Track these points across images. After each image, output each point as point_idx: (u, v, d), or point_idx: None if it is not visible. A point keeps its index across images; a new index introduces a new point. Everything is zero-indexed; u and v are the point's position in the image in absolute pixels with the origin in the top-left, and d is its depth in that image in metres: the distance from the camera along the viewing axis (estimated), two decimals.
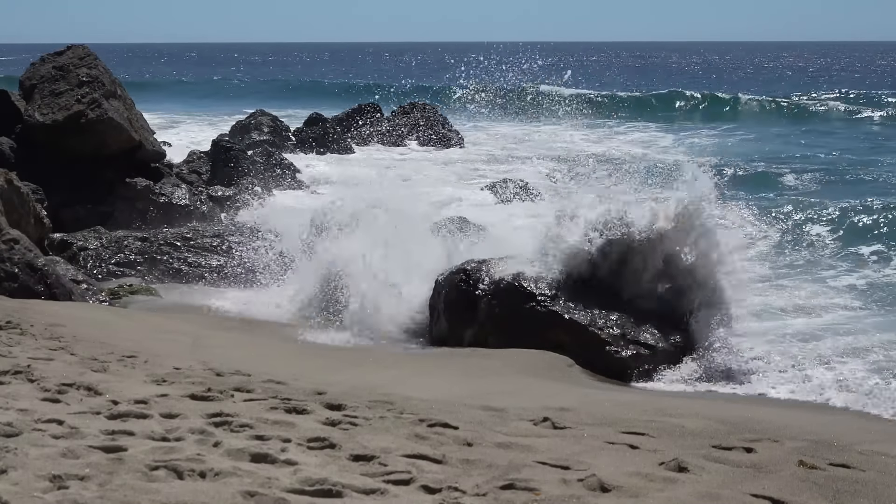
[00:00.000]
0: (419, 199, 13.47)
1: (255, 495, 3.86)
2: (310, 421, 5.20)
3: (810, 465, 4.87)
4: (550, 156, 24.30)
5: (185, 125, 33.67)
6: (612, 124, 35.22)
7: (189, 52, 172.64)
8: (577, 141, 29.93)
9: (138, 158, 16.46)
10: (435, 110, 28.29)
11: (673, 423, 5.79)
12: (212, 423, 4.94)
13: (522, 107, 23.23)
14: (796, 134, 33.61)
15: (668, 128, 36.18)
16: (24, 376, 5.74)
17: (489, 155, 26.27)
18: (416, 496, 4.07)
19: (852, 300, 11.33)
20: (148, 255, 12.83)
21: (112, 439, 4.49)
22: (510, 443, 5.06)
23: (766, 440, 5.39)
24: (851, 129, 35.49)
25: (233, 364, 7.18)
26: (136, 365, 6.69)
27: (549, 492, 4.18)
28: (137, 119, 16.98)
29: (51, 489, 3.73)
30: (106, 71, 16.76)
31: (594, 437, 5.31)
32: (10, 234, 10.08)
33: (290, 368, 7.43)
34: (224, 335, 9.28)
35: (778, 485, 4.53)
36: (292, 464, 4.33)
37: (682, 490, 4.36)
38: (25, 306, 8.95)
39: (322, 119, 26.00)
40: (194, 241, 13.10)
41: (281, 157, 20.66)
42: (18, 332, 7.44)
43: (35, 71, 16.71)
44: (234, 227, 13.76)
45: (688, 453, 4.99)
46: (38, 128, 15.73)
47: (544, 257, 9.45)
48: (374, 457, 4.53)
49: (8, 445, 4.17)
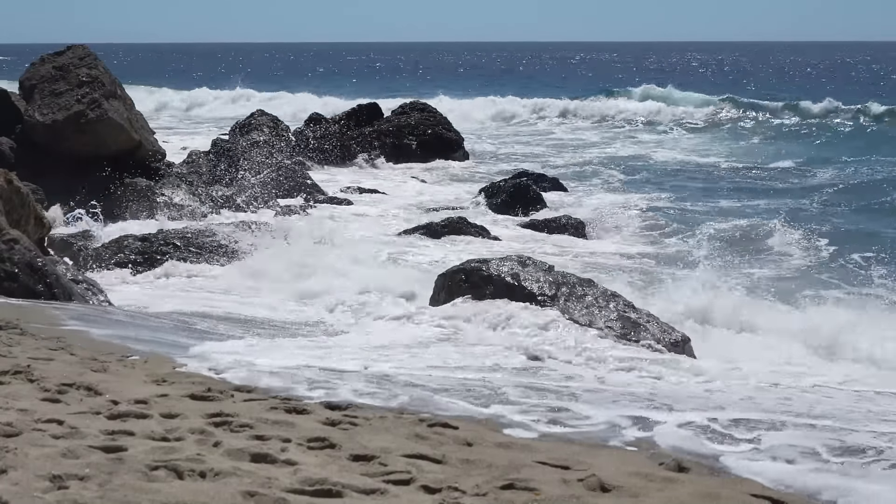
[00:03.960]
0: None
1: (255, 495, 3.86)
2: (310, 421, 5.20)
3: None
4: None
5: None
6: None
7: (185, 52, 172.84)
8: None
9: (138, 158, 16.47)
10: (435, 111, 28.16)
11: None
12: (212, 423, 4.94)
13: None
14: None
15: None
16: (24, 376, 5.74)
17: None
18: (416, 496, 4.07)
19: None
20: (148, 255, 12.83)
21: (112, 439, 4.49)
22: (510, 443, 5.06)
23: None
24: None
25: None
26: (136, 365, 6.69)
27: (549, 492, 4.18)
28: (137, 119, 17.00)
29: (51, 489, 3.73)
30: (106, 71, 16.77)
31: (593, 437, 5.31)
32: (10, 234, 10.07)
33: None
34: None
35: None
36: (292, 464, 4.33)
37: (682, 490, 4.36)
38: (25, 306, 8.95)
39: (322, 119, 25.98)
40: (194, 240, 13.10)
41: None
42: (18, 333, 7.43)
43: (35, 71, 16.72)
44: (235, 226, 13.74)
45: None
46: (38, 128, 15.74)
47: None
48: (374, 457, 4.53)
49: (8, 445, 4.17)
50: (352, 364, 6.98)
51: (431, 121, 27.18)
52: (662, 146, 32.69)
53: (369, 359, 7.28)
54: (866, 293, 11.94)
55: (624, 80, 67.93)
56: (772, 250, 14.98)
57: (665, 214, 18.49)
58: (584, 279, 9.80)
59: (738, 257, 14.13)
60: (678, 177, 24.91)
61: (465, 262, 10.07)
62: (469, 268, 9.72)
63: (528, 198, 18.83)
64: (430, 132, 26.60)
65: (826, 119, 38.45)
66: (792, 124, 37.82)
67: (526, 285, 9.35)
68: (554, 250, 15.16)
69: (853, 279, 12.85)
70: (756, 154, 29.75)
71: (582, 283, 9.57)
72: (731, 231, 16.37)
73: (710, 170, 26.26)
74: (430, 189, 22.14)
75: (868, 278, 12.76)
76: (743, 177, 24.89)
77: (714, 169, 26.41)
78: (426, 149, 26.09)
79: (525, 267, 9.64)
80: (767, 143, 33.03)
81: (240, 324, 9.42)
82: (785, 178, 24.47)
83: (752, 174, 25.25)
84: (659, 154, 30.10)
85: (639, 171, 25.54)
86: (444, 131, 27.14)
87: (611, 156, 29.27)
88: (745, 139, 34.43)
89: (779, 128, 37.04)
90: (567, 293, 9.34)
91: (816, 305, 10.82)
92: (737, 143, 33.02)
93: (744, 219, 17.48)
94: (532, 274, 9.52)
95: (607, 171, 25.51)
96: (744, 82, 70.77)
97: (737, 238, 15.85)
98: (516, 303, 9.19)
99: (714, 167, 26.76)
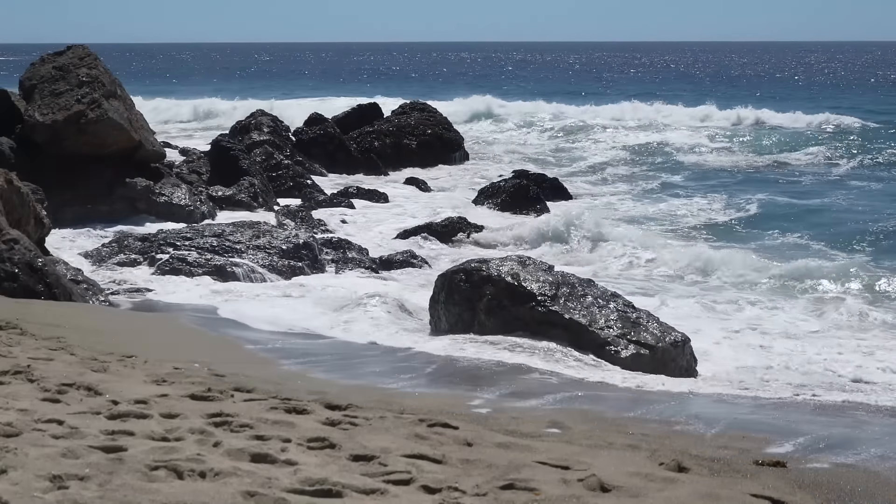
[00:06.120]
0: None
1: (255, 495, 3.85)
2: (310, 421, 5.20)
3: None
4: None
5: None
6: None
7: (184, 52, 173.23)
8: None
9: (138, 158, 16.47)
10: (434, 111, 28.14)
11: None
12: (212, 423, 4.94)
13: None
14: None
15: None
16: (24, 376, 5.74)
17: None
18: (416, 496, 4.07)
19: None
20: (148, 254, 12.83)
21: (112, 439, 4.49)
22: (510, 443, 5.06)
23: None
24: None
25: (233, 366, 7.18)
26: (135, 365, 6.69)
27: (549, 492, 4.18)
28: (137, 119, 16.99)
29: (51, 489, 3.73)
30: (106, 71, 16.78)
31: (594, 437, 5.31)
32: (10, 234, 10.07)
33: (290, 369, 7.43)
34: (223, 335, 9.27)
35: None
36: (292, 464, 4.33)
37: (682, 490, 4.36)
38: (25, 306, 8.95)
39: (322, 119, 25.97)
40: (194, 240, 13.09)
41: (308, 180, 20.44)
42: (18, 332, 7.44)
43: (35, 71, 16.73)
44: (236, 226, 13.74)
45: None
46: (38, 128, 15.74)
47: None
48: (374, 457, 4.53)
49: (8, 445, 4.17)
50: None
51: (431, 121, 27.17)
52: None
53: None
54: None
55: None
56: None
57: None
58: (584, 279, 9.80)
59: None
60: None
61: (465, 262, 10.06)
62: (469, 268, 9.71)
63: (527, 198, 18.85)
64: (430, 132, 26.59)
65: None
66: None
67: (526, 285, 9.34)
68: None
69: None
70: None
71: (582, 283, 9.57)
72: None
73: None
74: (429, 189, 22.13)
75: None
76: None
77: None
78: (426, 149, 26.07)
79: (525, 267, 9.64)
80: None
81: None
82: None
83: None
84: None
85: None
86: (444, 131, 27.12)
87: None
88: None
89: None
90: (567, 293, 9.34)
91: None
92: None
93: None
94: (532, 274, 9.52)
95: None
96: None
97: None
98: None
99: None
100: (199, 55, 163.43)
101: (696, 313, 11.27)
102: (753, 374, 8.75)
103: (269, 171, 20.18)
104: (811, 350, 9.68)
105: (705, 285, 13.09)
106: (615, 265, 14.35)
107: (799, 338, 10.26)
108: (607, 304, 9.32)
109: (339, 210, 18.29)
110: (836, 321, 11.12)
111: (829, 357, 9.43)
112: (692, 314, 11.18)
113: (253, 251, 12.94)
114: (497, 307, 9.33)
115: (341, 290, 11.57)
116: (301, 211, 17.15)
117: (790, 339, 10.18)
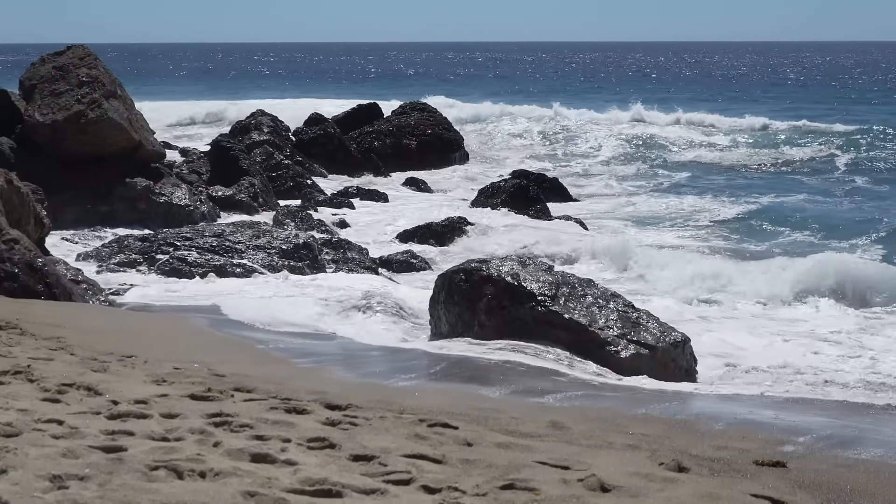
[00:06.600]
0: None
1: (255, 495, 3.85)
2: (310, 421, 5.19)
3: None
4: None
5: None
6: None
7: (184, 51, 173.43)
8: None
9: (138, 158, 16.48)
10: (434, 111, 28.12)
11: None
12: (212, 423, 4.94)
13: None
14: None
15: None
16: (24, 376, 5.74)
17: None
18: (416, 496, 4.07)
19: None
20: (148, 254, 12.83)
21: (112, 439, 4.49)
22: (510, 443, 5.05)
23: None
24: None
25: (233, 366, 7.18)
26: (135, 365, 6.69)
27: (549, 492, 4.18)
28: (137, 119, 17.00)
29: (51, 489, 3.73)
30: (106, 71, 16.78)
31: (594, 437, 5.31)
32: (10, 234, 10.07)
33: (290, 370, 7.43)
34: (223, 336, 9.28)
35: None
36: (292, 464, 4.33)
37: (682, 490, 4.36)
38: (25, 306, 8.95)
39: (322, 119, 25.97)
40: (194, 241, 13.09)
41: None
42: (18, 332, 7.44)
43: (35, 71, 16.73)
44: (236, 226, 13.74)
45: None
46: (38, 128, 15.74)
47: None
48: (374, 457, 4.53)
49: (8, 445, 4.17)
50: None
51: (431, 121, 27.17)
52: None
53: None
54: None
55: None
56: None
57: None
58: (584, 279, 9.80)
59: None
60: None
61: (465, 262, 10.05)
62: (469, 268, 9.71)
63: (527, 198, 18.85)
64: (430, 132, 26.59)
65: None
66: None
67: (526, 285, 9.34)
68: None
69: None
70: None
71: (582, 283, 9.57)
72: None
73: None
74: (429, 189, 22.13)
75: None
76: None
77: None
78: (426, 149, 26.06)
79: (525, 267, 9.63)
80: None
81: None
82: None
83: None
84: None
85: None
86: (444, 131, 27.12)
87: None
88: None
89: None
90: (567, 293, 9.33)
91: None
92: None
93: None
94: (532, 274, 9.51)
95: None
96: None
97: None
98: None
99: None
100: (200, 55, 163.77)
101: (696, 313, 11.27)
102: (754, 375, 8.75)
103: (269, 171, 20.19)
104: (811, 350, 9.67)
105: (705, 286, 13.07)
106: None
107: (799, 338, 10.26)
108: (607, 303, 9.31)
109: (339, 210, 18.30)
110: (837, 321, 11.12)
111: (829, 357, 9.43)
112: (692, 314, 11.17)
113: (253, 251, 12.94)
114: (497, 307, 9.32)
115: (341, 291, 11.56)
116: (301, 211, 17.15)
117: (790, 339, 10.18)
